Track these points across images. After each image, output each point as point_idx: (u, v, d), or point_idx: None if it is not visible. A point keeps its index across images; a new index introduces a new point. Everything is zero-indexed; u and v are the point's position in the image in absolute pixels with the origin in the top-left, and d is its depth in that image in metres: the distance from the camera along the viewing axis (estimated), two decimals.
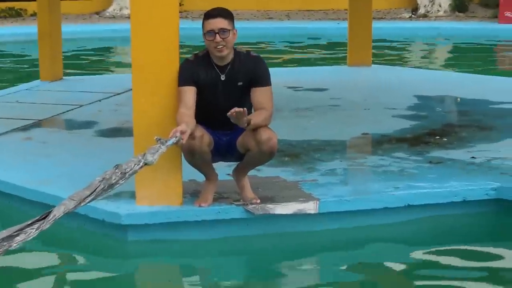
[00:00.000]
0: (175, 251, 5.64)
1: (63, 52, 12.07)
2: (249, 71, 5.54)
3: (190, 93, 5.50)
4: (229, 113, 5.21)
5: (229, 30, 5.49)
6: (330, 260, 5.62)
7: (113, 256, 5.65)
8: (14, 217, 5.91)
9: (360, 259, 5.59)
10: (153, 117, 5.60)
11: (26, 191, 6.22)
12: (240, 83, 5.56)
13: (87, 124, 8.63)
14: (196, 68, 5.57)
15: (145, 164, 4.79)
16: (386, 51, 17.41)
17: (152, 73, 5.64)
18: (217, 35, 5.45)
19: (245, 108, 5.23)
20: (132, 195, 5.81)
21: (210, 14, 5.54)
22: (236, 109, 5.18)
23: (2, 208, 6.44)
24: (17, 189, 6.29)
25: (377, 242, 5.79)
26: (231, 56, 5.59)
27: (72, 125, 8.73)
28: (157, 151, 4.89)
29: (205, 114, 5.58)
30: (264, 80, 5.62)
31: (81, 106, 9.65)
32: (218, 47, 5.48)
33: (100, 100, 9.98)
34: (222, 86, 5.57)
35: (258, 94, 5.60)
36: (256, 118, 5.42)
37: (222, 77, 5.56)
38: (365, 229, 5.88)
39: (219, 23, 5.47)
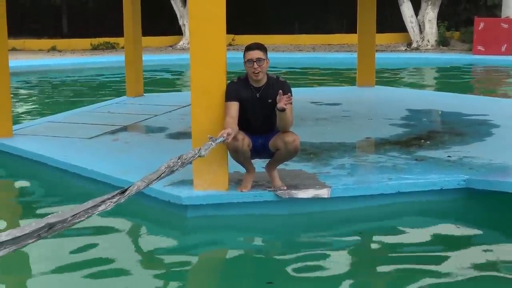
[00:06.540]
0: (222, 224, 5.61)
1: (144, 74, 12.12)
2: (277, 92, 5.48)
3: (234, 107, 5.48)
4: (278, 97, 5.26)
5: (264, 59, 5.47)
6: (335, 230, 5.54)
7: (176, 228, 5.66)
8: None
9: (360, 229, 5.52)
10: (206, 124, 5.58)
11: (112, 179, 6.25)
12: (270, 101, 5.51)
13: (160, 129, 8.65)
14: (239, 88, 5.56)
15: (199, 156, 4.77)
16: (387, 75, 17.24)
17: (205, 91, 5.63)
18: (254, 63, 5.44)
19: (288, 94, 5.29)
20: (190, 183, 5.80)
21: (249, 47, 5.53)
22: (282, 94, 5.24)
23: (94, 192, 6.45)
24: (106, 177, 6.34)
25: (374, 221, 5.70)
26: (264, 80, 5.57)
27: (149, 130, 8.76)
28: (209, 147, 4.88)
29: (246, 123, 5.56)
30: None
31: (156, 115, 9.68)
32: (255, 72, 5.47)
33: (170, 111, 10.00)
34: (257, 103, 5.55)
35: None
36: (290, 113, 5.38)
37: (257, 95, 5.55)
38: (364, 210, 5.80)
39: (256, 54, 5.45)
